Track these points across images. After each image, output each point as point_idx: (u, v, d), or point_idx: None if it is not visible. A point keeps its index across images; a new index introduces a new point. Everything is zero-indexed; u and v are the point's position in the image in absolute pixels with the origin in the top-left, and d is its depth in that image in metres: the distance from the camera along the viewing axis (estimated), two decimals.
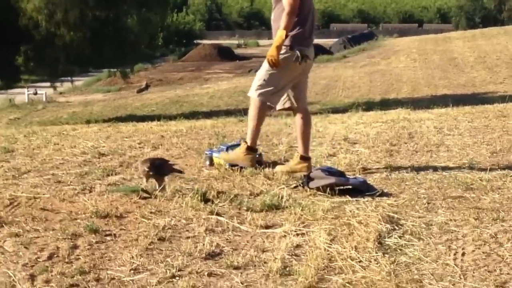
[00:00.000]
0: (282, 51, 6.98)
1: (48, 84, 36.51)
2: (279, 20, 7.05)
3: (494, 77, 35.56)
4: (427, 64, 41.37)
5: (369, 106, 21.73)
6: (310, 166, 7.21)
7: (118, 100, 39.09)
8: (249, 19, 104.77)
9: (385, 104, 24.87)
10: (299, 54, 7.08)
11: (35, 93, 41.25)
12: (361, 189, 6.43)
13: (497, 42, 47.26)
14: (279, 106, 7.48)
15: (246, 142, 7.39)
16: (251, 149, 7.35)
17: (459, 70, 38.59)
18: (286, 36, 6.92)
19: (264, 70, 7.20)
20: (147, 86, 44.96)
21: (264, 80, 7.16)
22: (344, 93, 33.65)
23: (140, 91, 43.37)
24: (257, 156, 7.69)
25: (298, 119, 7.44)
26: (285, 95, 7.36)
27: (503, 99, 16.17)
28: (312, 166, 7.45)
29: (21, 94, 40.45)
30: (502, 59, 40.56)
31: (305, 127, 7.42)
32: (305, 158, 7.32)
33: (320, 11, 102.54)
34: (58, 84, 37.06)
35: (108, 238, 5.28)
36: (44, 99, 40.20)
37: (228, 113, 20.91)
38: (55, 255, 4.88)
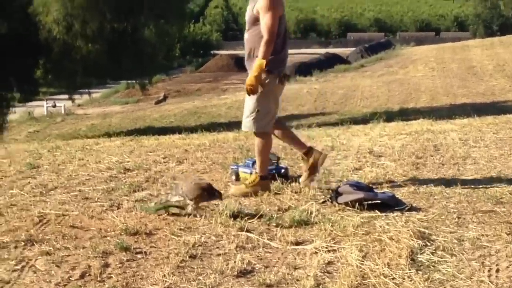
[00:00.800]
0: (264, 76, 6.92)
1: (66, 96, 36.61)
2: (254, 42, 6.98)
3: None
4: (445, 72, 41.21)
5: (388, 115, 21.62)
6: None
7: (137, 111, 39.18)
8: None
9: (404, 114, 24.83)
10: (281, 76, 7.14)
11: (54, 106, 41.39)
12: (390, 204, 6.40)
13: None
14: None
15: (257, 173, 7.26)
16: (265, 178, 7.25)
17: (478, 78, 38.42)
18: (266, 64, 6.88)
19: (252, 101, 7.09)
20: (165, 98, 45.05)
21: (258, 111, 7.08)
22: (363, 103, 33.56)
23: (158, 102, 43.45)
24: (283, 170, 7.68)
25: (277, 132, 7.47)
26: None
27: None
28: (339, 180, 7.44)
29: (40, 107, 40.60)
30: None
31: (286, 135, 7.59)
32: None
33: (337, 20, 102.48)
34: (76, 96, 37.17)
35: (139, 256, 5.27)
36: (62, 112, 40.34)
37: None
38: (87, 274, 4.88)
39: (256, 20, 6.94)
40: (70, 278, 4.80)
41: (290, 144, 7.62)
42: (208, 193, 6.32)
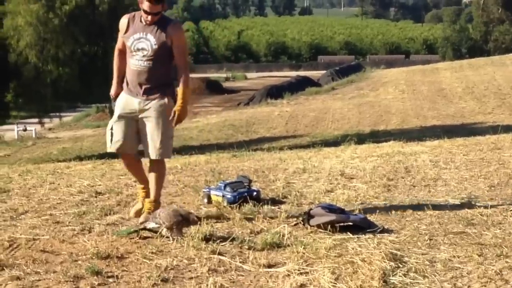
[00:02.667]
0: (169, 102, 6.80)
1: (37, 120, 36.47)
2: (155, 71, 6.73)
3: (482, 107, 35.72)
4: (416, 95, 41.52)
5: (359, 138, 21.75)
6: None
7: None
8: (236, 52, 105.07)
9: (375, 136, 24.94)
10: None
11: (25, 130, 41.15)
12: (362, 226, 6.41)
13: (484, 73, 47.50)
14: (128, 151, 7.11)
15: (152, 201, 6.99)
16: (159, 202, 7.09)
17: (448, 101, 38.74)
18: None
19: (165, 128, 6.81)
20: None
21: (171, 137, 6.98)
22: (334, 125, 33.71)
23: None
24: (255, 193, 7.67)
25: (137, 161, 7.25)
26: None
27: (493, 129, 16.27)
28: (311, 203, 7.46)
29: (11, 131, 40.36)
30: (490, 90, 40.76)
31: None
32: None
33: (308, 44, 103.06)
34: (47, 120, 37.04)
35: (111, 280, 5.22)
36: (33, 135, 40.10)
37: (219, 147, 20.92)
38: None
39: (166, 49, 6.73)
40: None
41: (134, 173, 7.36)
42: (185, 220, 6.29)
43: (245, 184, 7.80)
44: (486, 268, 5.21)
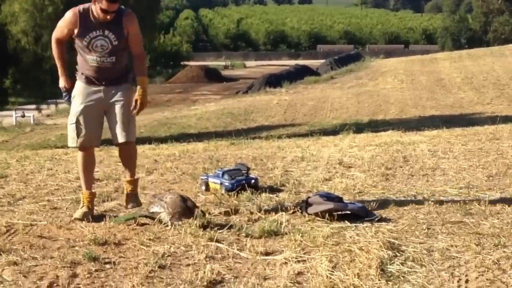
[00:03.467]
0: (131, 88, 6.77)
1: (35, 106, 36.43)
2: (117, 65, 6.63)
3: (481, 97, 35.70)
4: (414, 85, 41.48)
5: (358, 127, 21.78)
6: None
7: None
8: (235, 41, 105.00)
9: (374, 125, 24.96)
10: None
11: (23, 116, 41.08)
12: (360, 215, 6.40)
13: (483, 63, 47.47)
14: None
15: (129, 179, 6.89)
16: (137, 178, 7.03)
17: (446, 91, 38.70)
18: None
19: (130, 113, 6.66)
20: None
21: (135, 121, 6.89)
22: (332, 114, 33.67)
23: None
24: (253, 181, 7.67)
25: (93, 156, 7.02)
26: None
27: (492, 120, 16.25)
28: (309, 191, 7.46)
29: (9, 117, 40.31)
30: (489, 80, 40.72)
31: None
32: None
33: (307, 33, 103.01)
34: (44, 106, 36.99)
35: (108, 266, 5.22)
36: (32, 122, 40.05)
37: (217, 135, 20.89)
38: (55, 284, 4.83)
39: (124, 41, 6.59)
40: None
41: (89, 172, 6.94)
42: (190, 212, 6.28)
43: (243, 172, 7.80)
44: (483, 258, 5.21)
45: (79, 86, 6.65)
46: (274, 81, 49.02)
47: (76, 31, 6.48)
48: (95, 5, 6.39)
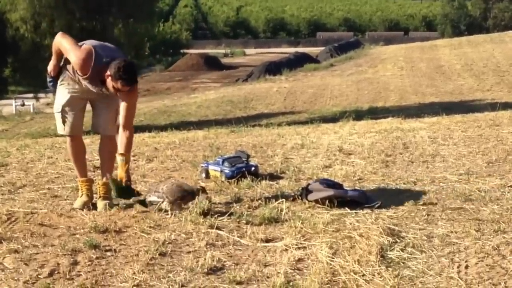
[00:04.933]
0: None
1: (33, 95, 36.39)
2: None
3: (481, 84, 35.64)
4: (414, 72, 41.42)
5: (357, 114, 21.75)
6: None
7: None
8: (235, 28, 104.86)
9: (374, 113, 24.93)
10: None
11: (23, 104, 41.05)
12: (360, 201, 6.41)
13: (483, 50, 47.39)
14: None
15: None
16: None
17: (446, 77, 38.64)
18: None
19: (117, 104, 6.56)
20: None
21: None
22: (332, 102, 33.62)
23: None
24: (253, 168, 7.68)
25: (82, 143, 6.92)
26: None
27: (492, 106, 16.25)
28: (309, 178, 7.47)
29: (9, 106, 40.29)
30: (488, 67, 40.66)
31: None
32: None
33: (306, 20, 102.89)
34: (43, 95, 36.94)
35: (108, 253, 5.24)
36: (31, 110, 40.02)
37: (217, 123, 20.88)
38: (56, 272, 4.84)
39: None
40: (39, 276, 4.76)
41: (81, 160, 6.87)
42: (190, 194, 6.29)
43: (243, 159, 7.81)
44: (483, 244, 5.22)
45: (66, 75, 6.57)
46: (273, 68, 48.97)
47: (80, 72, 6.35)
48: (107, 79, 6.27)
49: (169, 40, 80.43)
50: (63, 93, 6.58)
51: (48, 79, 6.71)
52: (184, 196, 6.25)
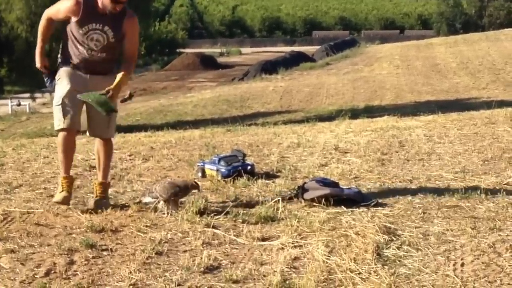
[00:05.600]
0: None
1: (29, 95, 36.34)
2: (106, 59, 6.57)
3: (477, 82, 35.61)
4: (410, 70, 41.39)
5: (353, 113, 21.73)
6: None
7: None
8: (231, 27, 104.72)
9: (370, 111, 24.89)
10: None
11: (19, 104, 40.91)
12: (356, 200, 6.43)
13: (479, 48, 47.37)
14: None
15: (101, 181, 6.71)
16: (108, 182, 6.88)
17: (442, 76, 38.62)
18: None
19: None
20: (130, 96, 44.41)
21: None
22: (328, 100, 33.58)
23: (123, 100, 42.51)
24: (250, 167, 7.69)
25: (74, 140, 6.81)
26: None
27: (488, 104, 16.25)
28: (305, 177, 7.48)
29: (5, 106, 40.22)
30: (484, 65, 40.64)
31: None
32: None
33: (302, 19, 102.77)
34: (39, 95, 36.87)
35: (105, 253, 5.25)
36: (27, 110, 39.94)
37: (213, 122, 20.90)
38: (52, 271, 4.86)
39: (119, 41, 6.52)
40: (35, 276, 4.77)
41: (69, 156, 6.75)
42: (183, 189, 6.30)
43: (240, 158, 7.82)
44: (479, 241, 5.24)
45: (65, 69, 6.56)
46: (269, 67, 48.90)
47: (75, 19, 6.37)
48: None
49: (165, 40, 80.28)
50: (62, 85, 6.51)
51: (45, 78, 6.72)
52: (177, 192, 6.26)
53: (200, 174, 7.81)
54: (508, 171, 7.67)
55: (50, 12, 6.59)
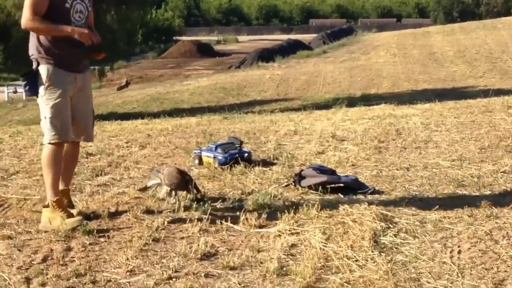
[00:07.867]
0: None
1: None
2: None
3: (473, 71, 35.65)
4: (407, 59, 41.39)
5: (350, 101, 21.76)
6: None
7: (99, 97, 38.87)
8: (227, 15, 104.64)
9: (366, 99, 24.91)
10: None
11: (15, 92, 40.81)
12: (353, 187, 6.43)
13: (476, 36, 47.35)
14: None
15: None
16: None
17: (439, 64, 38.63)
18: None
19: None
20: (127, 84, 44.68)
21: None
22: (325, 89, 33.59)
23: (120, 88, 43.09)
24: (246, 154, 7.68)
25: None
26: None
27: (484, 93, 16.25)
28: (302, 164, 7.48)
29: (1, 93, 40.16)
30: (481, 53, 40.65)
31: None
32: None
33: (299, 7, 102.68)
34: None
35: (102, 239, 5.24)
36: (24, 98, 39.84)
37: (210, 110, 20.88)
38: (49, 258, 4.85)
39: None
40: (32, 262, 4.76)
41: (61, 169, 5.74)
42: (185, 184, 6.27)
43: (236, 145, 7.81)
44: (476, 229, 5.24)
45: (51, 72, 5.70)
46: (266, 55, 48.88)
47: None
48: None
49: (162, 27, 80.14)
50: (56, 93, 5.62)
51: (24, 83, 5.89)
52: (180, 183, 6.20)
53: (197, 162, 7.80)
54: (505, 159, 7.68)
55: (31, 12, 5.73)
